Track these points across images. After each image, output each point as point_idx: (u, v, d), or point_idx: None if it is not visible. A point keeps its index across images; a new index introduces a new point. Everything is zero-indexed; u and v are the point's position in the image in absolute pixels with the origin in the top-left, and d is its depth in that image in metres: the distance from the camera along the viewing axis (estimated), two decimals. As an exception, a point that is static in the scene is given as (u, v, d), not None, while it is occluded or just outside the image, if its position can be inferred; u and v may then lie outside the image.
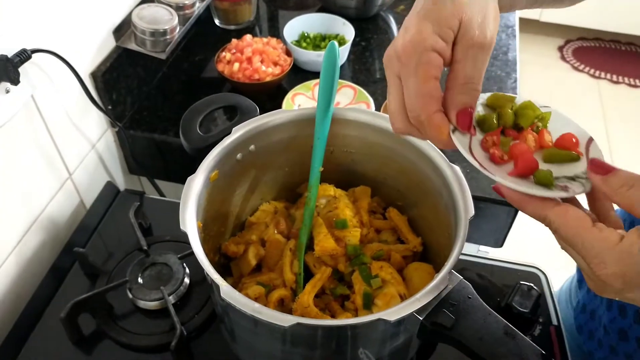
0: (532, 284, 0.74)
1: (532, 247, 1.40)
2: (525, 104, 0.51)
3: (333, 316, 0.65)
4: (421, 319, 0.52)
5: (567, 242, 0.42)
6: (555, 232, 0.42)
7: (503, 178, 0.45)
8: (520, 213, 0.88)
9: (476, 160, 0.46)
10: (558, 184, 0.45)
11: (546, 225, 0.43)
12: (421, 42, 0.41)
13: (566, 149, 0.48)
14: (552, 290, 0.80)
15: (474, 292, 0.55)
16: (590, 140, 0.48)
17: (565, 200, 0.44)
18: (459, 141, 0.47)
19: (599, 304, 0.75)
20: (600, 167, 0.41)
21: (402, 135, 0.49)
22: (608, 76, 2.97)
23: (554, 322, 0.76)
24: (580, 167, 0.46)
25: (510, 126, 0.50)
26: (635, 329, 0.67)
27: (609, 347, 0.73)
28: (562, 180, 0.45)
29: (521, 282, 0.75)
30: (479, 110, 0.51)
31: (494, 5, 0.45)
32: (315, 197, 0.68)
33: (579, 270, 0.86)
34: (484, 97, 0.52)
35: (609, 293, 0.41)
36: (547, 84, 2.93)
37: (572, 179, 0.45)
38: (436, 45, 0.42)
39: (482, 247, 1.07)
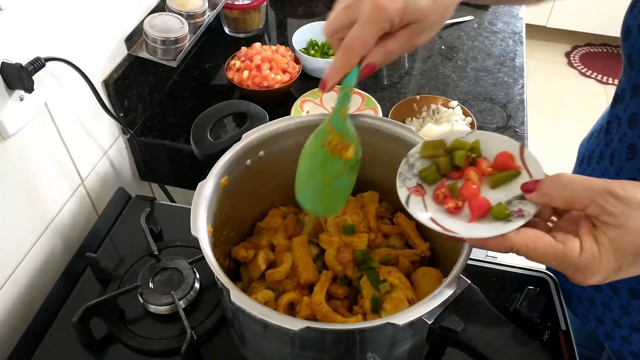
0: (540, 289, 0.74)
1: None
2: (453, 144, 0.54)
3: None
4: (430, 323, 0.52)
5: (538, 262, 0.46)
6: (524, 256, 0.46)
7: (466, 229, 0.48)
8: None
9: (435, 223, 0.50)
10: (513, 210, 0.48)
11: (514, 253, 0.46)
12: (384, 12, 0.50)
13: (505, 168, 0.51)
14: (560, 295, 0.80)
15: (483, 296, 0.55)
16: (522, 148, 0.52)
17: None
18: (415, 209, 0.52)
19: None
20: (529, 186, 0.47)
21: (325, 36, 0.57)
22: (615, 82, 2.95)
23: (563, 327, 0.76)
24: (524, 179, 0.49)
25: (450, 170, 0.54)
26: None
27: (588, 300, 0.75)
28: (515, 203, 0.49)
29: (530, 287, 0.75)
30: (418, 165, 0.55)
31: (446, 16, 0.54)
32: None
33: None
34: (417, 149, 0.56)
35: (593, 284, 0.45)
36: (555, 90, 2.92)
37: (523, 197, 0.48)
38: (394, 21, 0.51)
39: (490, 252, 1.07)
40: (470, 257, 0.57)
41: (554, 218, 0.49)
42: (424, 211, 0.52)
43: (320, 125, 0.61)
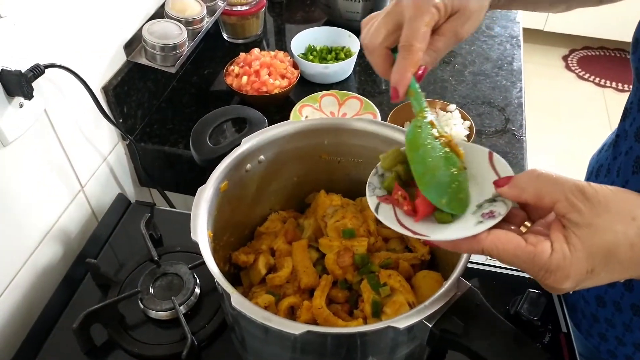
0: (541, 292, 0.74)
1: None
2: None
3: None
4: (430, 326, 0.52)
5: (509, 265, 0.45)
6: (496, 259, 0.45)
7: (435, 232, 0.49)
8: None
9: (405, 227, 0.50)
10: (484, 212, 0.48)
11: (486, 255, 0.45)
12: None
13: None
14: (561, 298, 0.80)
15: (483, 299, 0.55)
16: (491, 154, 0.52)
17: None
18: (384, 215, 0.52)
19: None
20: (501, 181, 0.47)
21: (368, 49, 0.55)
22: (613, 84, 2.97)
23: (564, 329, 0.76)
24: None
25: (411, 178, 0.53)
26: (611, 294, 0.69)
27: (591, 316, 0.74)
28: (485, 206, 0.49)
29: (530, 290, 0.75)
30: (387, 175, 0.56)
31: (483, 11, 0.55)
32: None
33: None
34: (378, 166, 0.57)
35: (566, 291, 0.44)
36: (553, 93, 2.93)
37: (494, 200, 0.48)
38: (439, 8, 0.51)
39: (490, 256, 1.07)
40: (470, 260, 0.57)
41: (527, 223, 0.48)
42: (394, 217, 0.52)
43: (414, 120, 0.57)
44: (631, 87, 0.68)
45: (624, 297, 0.67)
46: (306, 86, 1.13)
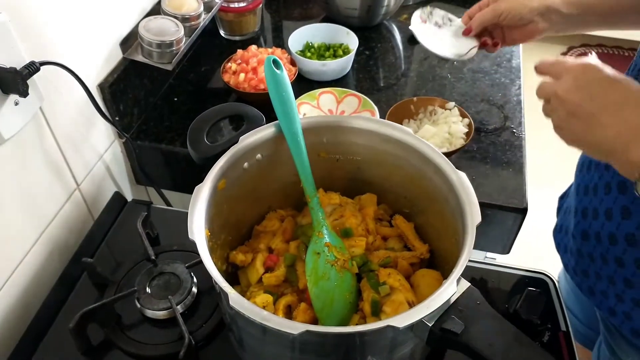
0: (540, 290, 0.74)
1: (540, 253, 1.40)
2: None
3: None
4: (430, 325, 0.52)
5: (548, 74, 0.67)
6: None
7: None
8: (526, 220, 0.89)
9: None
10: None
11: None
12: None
13: None
14: (560, 296, 0.79)
15: (483, 298, 0.55)
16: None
17: None
18: (415, 27, 0.95)
19: (570, 218, 0.82)
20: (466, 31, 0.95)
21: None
22: (612, 82, 2.97)
23: (563, 328, 0.75)
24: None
25: None
26: (613, 250, 0.71)
27: (595, 274, 0.76)
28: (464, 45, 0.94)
29: (529, 289, 0.75)
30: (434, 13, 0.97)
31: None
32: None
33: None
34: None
35: (574, 133, 0.60)
36: (551, 90, 2.93)
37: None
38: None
39: (490, 254, 1.07)
40: (470, 258, 0.56)
41: None
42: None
43: (312, 244, 0.66)
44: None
45: (626, 252, 0.68)
46: (304, 83, 1.13)
